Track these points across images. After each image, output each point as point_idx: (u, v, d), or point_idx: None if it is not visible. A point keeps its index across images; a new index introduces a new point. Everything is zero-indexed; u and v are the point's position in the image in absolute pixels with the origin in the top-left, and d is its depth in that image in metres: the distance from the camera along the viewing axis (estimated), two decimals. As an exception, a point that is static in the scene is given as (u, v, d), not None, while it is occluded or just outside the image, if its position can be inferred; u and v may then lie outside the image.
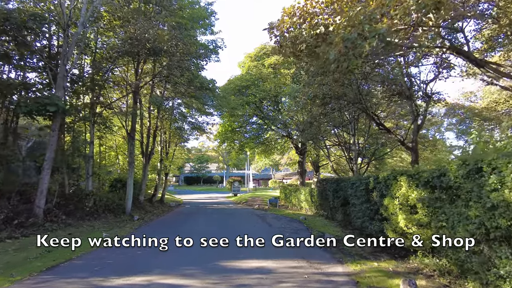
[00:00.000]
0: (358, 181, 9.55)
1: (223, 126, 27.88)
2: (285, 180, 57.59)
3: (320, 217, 16.66)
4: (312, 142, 22.89)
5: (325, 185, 14.99)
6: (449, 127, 34.87)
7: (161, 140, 23.16)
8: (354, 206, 10.30)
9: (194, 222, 14.50)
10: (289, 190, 23.20)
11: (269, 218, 15.66)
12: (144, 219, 15.03)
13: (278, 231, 11.38)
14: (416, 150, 10.90)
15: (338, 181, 12.84)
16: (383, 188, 7.64)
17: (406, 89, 11.29)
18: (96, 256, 7.41)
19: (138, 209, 17.91)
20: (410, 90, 11.32)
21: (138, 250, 7.53)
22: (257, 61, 25.34)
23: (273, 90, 22.72)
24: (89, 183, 13.21)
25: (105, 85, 14.13)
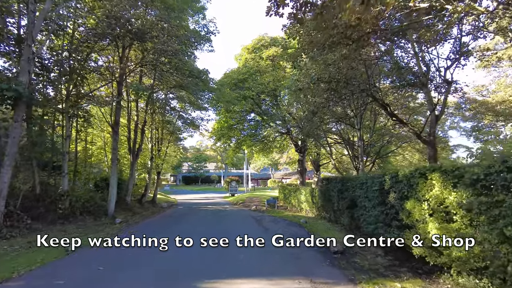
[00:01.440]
0: (370, 180, 8.10)
1: (218, 123, 26.45)
2: (284, 179, 56.23)
3: (322, 219, 15.23)
4: (313, 139, 21.47)
5: (328, 185, 13.55)
6: (452, 125, 33.49)
7: (152, 137, 21.68)
8: (364, 209, 8.86)
9: (182, 226, 13.07)
10: (289, 190, 21.75)
11: (266, 221, 14.22)
12: (128, 222, 13.58)
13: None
14: (434, 145, 9.47)
15: (343, 181, 11.40)
16: (404, 188, 6.20)
17: (422, 75, 9.85)
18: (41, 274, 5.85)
19: (124, 210, 16.46)
20: (426, 76, 9.89)
21: (103, 263, 6.08)
22: (255, 53, 23.87)
23: (271, 84, 21.26)
24: (65, 182, 11.75)
25: (85, 73, 12.66)
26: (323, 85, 9.26)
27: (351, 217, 10.84)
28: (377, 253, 8.19)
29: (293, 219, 15.20)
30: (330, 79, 8.87)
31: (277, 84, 21.13)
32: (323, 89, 9.51)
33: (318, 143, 20.70)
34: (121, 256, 7.03)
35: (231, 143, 27.09)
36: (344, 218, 11.36)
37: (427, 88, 10.00)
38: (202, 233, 11.01)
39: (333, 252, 8.06)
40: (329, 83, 9.09)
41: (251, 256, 7.39)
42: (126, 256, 7.04)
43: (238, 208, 22.37)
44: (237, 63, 25.27)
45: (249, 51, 24.20)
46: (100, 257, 7.01)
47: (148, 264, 6.45)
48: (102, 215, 13.66)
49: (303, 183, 26.12)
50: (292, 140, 25.77)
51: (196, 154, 75.78)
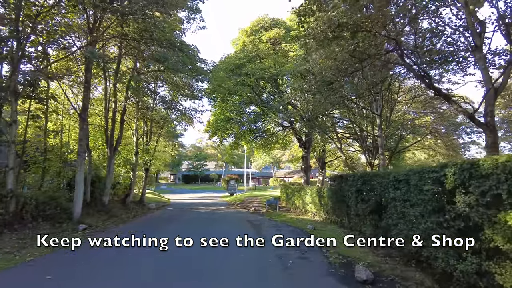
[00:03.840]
0: (415, 176, 5.48)
1: (214, 115, 23.88)
2: (286, 178, 53.72)
3: (332, 224, 12.68)
4: (320, 131, 18.87)
5: (342, 184, 10.98)
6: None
7: (137, 129, 19.15)
8: (400, 217, 6.27)
9: (162, 233, 10.54)
10: (292, 190, 19.18)
11: (266, 227, 11.67)
12: (96, 228, 11.09)
13: (275, 254, 7.40)
14: (494, 128, 6.86)
15: (365, 178, 8.81)
16: (498, 186, 3.61)
17: (476, 35, 7.24)
18: None
19: (99, 213, 13.95)
20: (481, 36, 7.27)
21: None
22: (254, 35, 21.21)
23: (272, 69, 18.64)
24: (9, 179, 9.25)
25: (36, 36, 10.09)
26: (347, 34, 6.61)
27: (376, 225, 8.25)
28: (426, 284, 5.60)
29: (297, 224, 12.65)
30: (356, 26, 6.17)
31: (279, 69, 18.50)
32: (347, 38, 6.82)
33: (326, 135, 18.09)
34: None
35: (228, 137, 24.52)
36: (365, 226, 8.77)
37: (481, 53, 7.37)
38: (180, 248, 8.42)
39: (360, 282, 5.50)
40: (354, 32, 6.43)
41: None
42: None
43: (235, 209, 19.83)
44: (234, 48, 22.63)
45: (248, 33, 21.54)
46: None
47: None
48: (64, 219, 11.14)
49: (308, 181, 23.51)
50: (296, 135, 23.15)
51: (195, 152, 73.45)
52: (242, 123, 23.13)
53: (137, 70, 15.85)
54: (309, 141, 22.58)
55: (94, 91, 16.50)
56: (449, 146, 31.69)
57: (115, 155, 15.41)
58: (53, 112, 13.57)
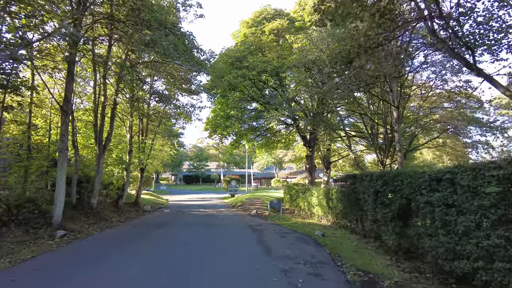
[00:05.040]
0: (469, 174, 4.15)
1: (214, 112, 22.65)
2: (289, 179, 52.46)
3: (343, 230, 11.39)
4: (325, 129, 17.59)
5: (356, 185, 9.68)
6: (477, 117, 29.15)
7: (131, 126, 17.93)
8: (442, 227, 4.94)
9: (146, 242, 9.31)
10: (296, 191, 17.85)
11: (268, 234, 10.37)
12: (78, 234, 9.85)
13: (281, 270, 6.09)
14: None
15: (385, 178, 7.49)
16: None
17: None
18: None
19: (86, 216, 12.72)
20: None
21: None
22: (256, 27, 19.94)
23: (275, 61, 17.36)
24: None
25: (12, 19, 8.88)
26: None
27: (400, 233, 6.94)
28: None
29: (304, 229, 11.34)
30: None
31: (282, 62, 17.20)
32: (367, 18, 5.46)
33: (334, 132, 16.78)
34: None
35: (228, 135, 23.26)
36: (386, 234, 7.44)
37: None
38: (162, 265, 7.16)
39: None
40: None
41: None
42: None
43: (235, 212, 18.54)
44: (235, 40, 21.35)
45: (249, 25, 20.25)
46: None
47: None
48: (42, 225, 9.91)
49: (312, 182, 22.20)
50: (300, 132, 21.86)
51: (197, 153, 72.37)
52: (243, 120, 21.84)
53: (130, 61, 14.62)
54: (314, 139, 21.28)
55: (87, 86, 15.30)
56: (458, 145, 30.21)
57: (104, 153, 14.16)
58: (36, 106, 12.35)
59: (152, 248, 8.17)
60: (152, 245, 8.58)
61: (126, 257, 7.16)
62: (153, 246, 8.46)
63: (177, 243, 8.95)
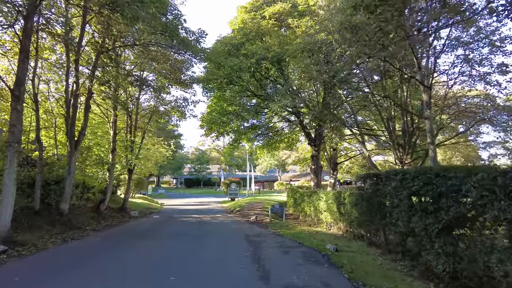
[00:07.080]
0: None
1: (209, 107, 20.67)
2: (292, 181, 50.24)
3: (358, 241, 9.25)
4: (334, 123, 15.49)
5: (379, 186, 7.55)
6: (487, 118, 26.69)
7: (115, 121, 15.97)
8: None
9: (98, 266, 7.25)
10: (300, 194, 15.71)
11: (268, 248, 8.23)
12: (25, 250, 7.80)
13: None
14: None
15: (428, 175, 5.35)
16: None
17: None
18: None
19: (51, 224, 10.71)
20: None
21: None
22: (255, 12, 17.97)
23: (276, 47, 15.34)
24: None
25: None
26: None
27: (453, 253, 4.80)
28: None
29: (311, 241, 9.19)
30: None
31: (284, 48, 15.16)
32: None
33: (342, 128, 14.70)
34: None
35: (226, 133, 21.24)
36: (432, 254, 5.27)
37: None
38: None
39: None
40: None
41: None
42: None
43: (232, 218, 16.42)
44: (232, 27, 19.38)
45: (247, 10, 18.29)
46: None
47: None
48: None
49: (319, 184, 20.03)
50: (304, 129, 19.75)
51: (198, 155, 70.42)
52: (242, 116, 19.79)
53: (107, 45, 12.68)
54: (320, 136, 19.13)
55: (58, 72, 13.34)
56: (468, 145, 27.71)
57: (77, 149, 12.19)
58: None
59: (99, 277, 6.01)
60: (106, 270, 6.46)
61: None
62: (105, 273, 6.34)
63: (145, 265, 6.84)
